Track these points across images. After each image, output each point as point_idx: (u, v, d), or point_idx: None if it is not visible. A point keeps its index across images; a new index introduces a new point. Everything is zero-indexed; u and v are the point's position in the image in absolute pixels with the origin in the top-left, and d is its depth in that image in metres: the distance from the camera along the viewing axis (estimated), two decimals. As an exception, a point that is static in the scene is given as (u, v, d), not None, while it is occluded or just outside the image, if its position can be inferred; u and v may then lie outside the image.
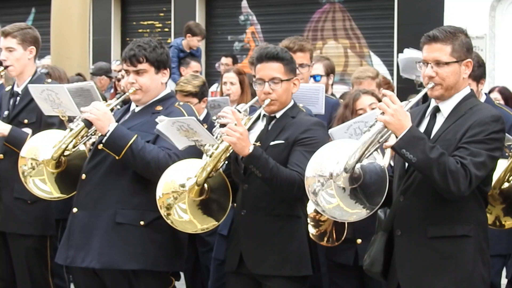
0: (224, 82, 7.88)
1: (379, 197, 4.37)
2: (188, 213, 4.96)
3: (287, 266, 4.93)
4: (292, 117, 5.06)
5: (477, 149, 4.25)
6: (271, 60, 5.00)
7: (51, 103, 5.78)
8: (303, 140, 4.92)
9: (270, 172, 4.74)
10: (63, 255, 5.29)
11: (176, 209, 4.94)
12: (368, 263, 4.62)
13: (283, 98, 5.03)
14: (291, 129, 4.99)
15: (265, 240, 4.94)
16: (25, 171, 5.55)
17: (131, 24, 17.16)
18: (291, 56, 5.10)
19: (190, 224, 4.99)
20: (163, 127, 4.90)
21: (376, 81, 7.56)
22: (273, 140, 4.98)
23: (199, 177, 4.87)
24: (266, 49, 5.05)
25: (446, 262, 4.34)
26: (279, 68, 5.00)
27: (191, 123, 4.83)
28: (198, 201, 4.95)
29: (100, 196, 5.20)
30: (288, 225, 4.96)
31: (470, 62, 4.46)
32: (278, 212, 4.94)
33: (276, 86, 4.99)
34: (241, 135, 4.69)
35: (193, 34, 12.02)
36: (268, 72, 4.99)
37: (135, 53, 5.21)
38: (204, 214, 4.99)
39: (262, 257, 4.94)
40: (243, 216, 5.01)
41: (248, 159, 4.73)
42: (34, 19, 17.87)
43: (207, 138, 4.88)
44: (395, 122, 4.22)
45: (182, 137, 4.90)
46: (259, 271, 4.95)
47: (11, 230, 6.24)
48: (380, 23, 14.11)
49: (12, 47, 6.24)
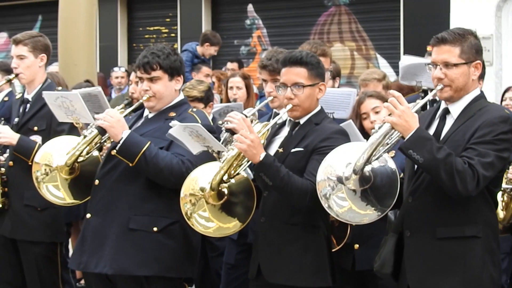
0: (230, 86, 7.90)
1: (390, 199, 4.39)
2: (213, 220, 4.92)
3: (301, 277, 4.82)
4: (316, 124, 4.95)
5: (485, 150, 4.26)
6: (294, 65, 4.90)
7: (65, 110, 5.80)
8: (322, 148, 4.79)
9: (281, 181, 4.65)
10: (76, 260, 5.31)
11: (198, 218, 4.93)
12: (378, 265, 4.63)
13: (306, 104, 4.93)
14: (312, 137, 4.88)
15: (281, 249, 4.85)
16: (39, 177, 5.58)
17: (138, 30, 17.18)
18: (317, 61, 4.99)
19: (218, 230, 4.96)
20: (176, 132, 4.89)
21: (383, 83, 7.57)
22: (294, 147, 4.89)
23: (213, 182, 4.83)
24: (291, 53, 4.96)
25: (455, 263, 4.34)
26: (303, 73, 4.89)
27: (198, 129, 4.82)
28: (219, 205, 4.91)
29: (113, 202, 5.21)
30: (305, 234, 4.84)
31: (479, 63, 4.46)
32: (294, 221, 4.84)
33: (298, 91, 4.89)
34: (252, 142, 4.62)
35: (211, 44, 12.11)
36: (291, 76, 4.89)
37: (149, 61, 5.22)
38: (228, 215, 4.93)
39: (277, 267, 4.86)
40: (262, 224, 4.94)
41: (258, 167, 4.65)
42: (41, 26, 17.89)
43: (214, 144, 4.87)
44: (402, 123, 4.22)
45: (195, 142, 4.90)
46: (274, 281, 4.86)
47: (22, 237, 6.26)
48: (386, 25, 14.09)
49: (23, 54, 6.27)
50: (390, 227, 4.66)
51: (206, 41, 12.15)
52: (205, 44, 12.13)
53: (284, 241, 4.84)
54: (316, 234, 4.88)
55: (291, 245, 4.83)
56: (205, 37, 12.30)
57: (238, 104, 7.50)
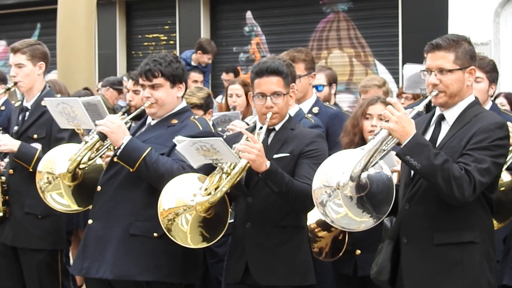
0: (229, 94, 7.90)
1: (386, 206, 4.41)
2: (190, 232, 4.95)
3: (295, 277, 4.95)
4: (291, 129, 5.08)
5: (482, 156, 4.27)
6: (271, 74, 5.01)
7: (67, 116, 5.82)
8: (309, 152, 4.96)
9: (286, 186, 4.77)
10: (78, 266, 5.33)
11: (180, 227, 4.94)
12: (375, 272, 4.63)
13: (284, 111, 5.07)
14: (294, 142, 5.01)
15: (273, 251, 4.95)
16: (42, 186, 5.62)
17: (136, 37, 17.19)
18: (288, 69, 5.12)
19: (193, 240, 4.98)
20: (183, 148, 4.90)
21: (383, 89, 7.59)
22: (276, 153, 4.99)
23: (213, 197, 4.84)
24: (266, 64, 5.06)
25: (453, 268, 4.35)
26: (279, 82, 5.02)
27: (215, 143, 4.79)
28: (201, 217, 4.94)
29: (114, 208, 5.25)
30: (295, 236, 5.00)
31: (473, 69, 4.48)
32: (284, 224, 4.97)
33: (277, 100, 5.01)
34: (259, 152, 4.71)
35: (203, 52, 12.06)
36: (270, 86, 5.00)
37: (151, 68, 5.26)
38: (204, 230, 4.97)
39: (269, 268, 4.95)
40: (248, 229, 5.00)
41: (266, 175, 4.74)
42: (40, 34, 17.91)
43: (230, 157, 4.84)
44: (399, 129, 4.25)
45: (199, 157, 4.89)
46: (267, 282, 4.95)
47: (22, 245, 6.28)
48: (385, 32, 14.11)
49: (21, 63, 6.28)
50: (386, 234, 4.68)
51: (199, 49, 12.13)
52: (198, 52, 12.12)
53: (275, 243, 4.95)
54: (303, 235, 5.05)
55: (283, 247, 4.95)
56: (199, 45, 12.26)
57: (235, 113, 7.52)
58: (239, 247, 5.07)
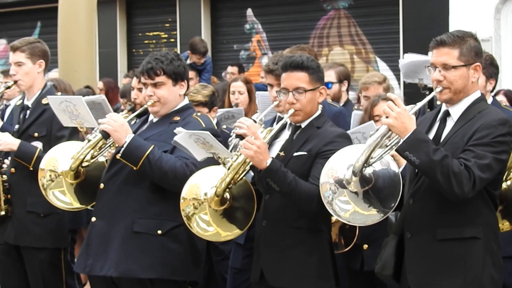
0: (232, 91, 7.89)
1: (392, 201, 4.41)
2: (212, 225, 4.94)
3: (305, 280, 4.82)
4: (317, 127, 4.95)
5: (483, 152, 4.27)
6: (295, 70, 4.90)
7: (70, 114, 5.82)
8: (326, 152, 4.78)
9: (288, 186, 4.65)
10: (81, 264, 5.33)
11: (198, 221, 4.94)
12: (379, 266, 4.64)
13: (308, 108, 4.93)
14: (314, 141, 4.88)
15: (285, 252, 4.84)
16: (45, 184, 5.62)
17: (137, 35, 17.19)
18: (318, 65, 4.99)
19: (215, 235, 4.99)
20: (181, 139, 4.91)
21: (383, 86, 7.56)
22: (297, 151, 4.88)
23: (218, 188, 4.84)
24: (291, 58, 4.96)
25: (455, 264, 4.35)
26: (304, 77, 4.89)
27: (206, 137, 4.83)
28: (221, 210, 4.93)
29: (117, 206, 5.24)
30: (309, 238, 4.84)
31: (479, 66, 4.48)
32: (299, 225, 4.84)
33: (300, 96, 4.89)
34: (259, 148, 4.63)
35: (193, 52, 12.01)
36: (292, 81, 4.89)
37: (153, 66, 5.25)
38: (229, 222, 4.96)
39: (281, 270, 4.85)
40: (264, 227, 4.94)
41: (266, 173, 4.66)
42: (40, 32, 17.91)
43: (222, 151, 4.88)
44: (399, 125, 4.25)
45: (200, 149, 4.91)
46: (278, 284, 4.86)
47: (25, 243, 6.28)
48: (385, 29, 14.11)
49: (21, 61, 6.28)
50: (391, 229, 4.69)
51: (189, 49, 12.13)
52: (189, 52, 12.09)
53: (288, 244, 4.84)
54: (320, 238, 4.88)
55: (296, 249, 4.83)
56: (189, 44, 12.24)
57: (239, 109, 7.51)
58: (258, 246, 5.00)
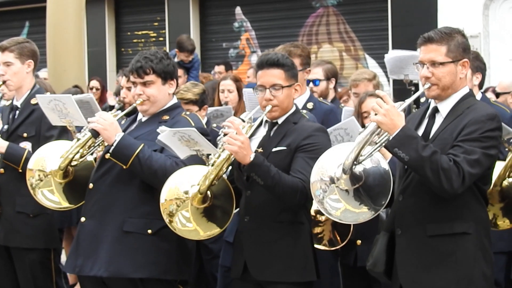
0: (221, 90, 7.89)
1: (383, 198, 4.44)
2: (192, 222, 4.97)
3: (292, 272, 4.91)
4: (294, 123, 5.04)
5: (472, 147, 4.28)
6: (272, 67, 4.99)
7: (59, 113, 5.80)
8: (305, 146, 4.91)
9: (272, 179, 4.74)
10: (71, 264, 5.31)
11: (179, 217, 4.96)
12: (371, 263, 4.65)
13: (285, 104, 5.03)
14: (293, 135, 4.98)
15: (269, 246, 4.92)
16: (33, 183, 5.60)
17: (126, 34, 17.18)
18: (292, 62, 5.10)
19: (194, 232, 5.00)
20: (165, 138, 4.93)
21: (373, 83, 7.58)
22: (275, 146, 4.97)
23: (202, 186, 4.87)
24: (267, 56, 5.05)
25: (446, 260, 4.36)
26: (280, 74, 4.99)
27: (191, 133, 4.85)
28: (201, 208, 4.96)
29: (107, 205, 5.23)
30: (292, 231, 4.94)
31: (466, 62, 4.49)
32: (281, 219, 4.92)
33: (277, 93, 4.98)
34: (242, 144, 4.69)
35: (180, 50, 12.01)
36: (269, 78, 4.99)
37: (142, 65, 5.25)
38: (208, 221, 4.99)
39: (266, 264, 4.93)
40: (246, 223, 5.01)
41: (250, 167, 4.74)
42: (28, 32, 17.89)
43: (207, 148, 4.90)
44: (388, 121, 4.26)
45: (183, 147, 4.93)
46: (263, 278, 4.93)
47: (15, 244, 6.25)
48: (374, 26, 14.14)
49: (9, 61, 6.24)
50: (382, 226, 4.69)
51: (176, 47, 12.13)
52: (176, 50, 12.09)
53: (273, 238, 4.92)
54: (302, 231, 4.98)
55: (280, 242, 4.92)
56: (176, 42, 12.24)
57: (227, 108, 7.51)
58: (240, 242, 5.07)
